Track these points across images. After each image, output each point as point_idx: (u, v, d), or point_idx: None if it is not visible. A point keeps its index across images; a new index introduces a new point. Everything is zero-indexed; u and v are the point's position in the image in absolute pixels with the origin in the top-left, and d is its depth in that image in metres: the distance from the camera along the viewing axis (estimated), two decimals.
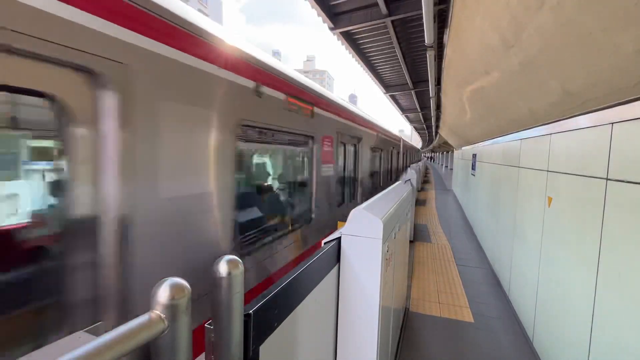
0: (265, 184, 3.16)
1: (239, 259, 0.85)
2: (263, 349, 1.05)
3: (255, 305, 1.01)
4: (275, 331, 1.13)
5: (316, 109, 3.34)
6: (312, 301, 1.45)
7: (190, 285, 0.70)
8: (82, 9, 1.12)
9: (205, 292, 1.64)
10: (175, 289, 0.68)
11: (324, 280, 1.59)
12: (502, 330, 3.42)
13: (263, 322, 1.05)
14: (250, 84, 2.16)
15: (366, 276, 1.74)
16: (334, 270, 1.74)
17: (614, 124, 1.94)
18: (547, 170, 2.95)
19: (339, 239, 1.77)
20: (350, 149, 5.22)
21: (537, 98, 2.93)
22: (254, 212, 2.61)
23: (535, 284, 3.09)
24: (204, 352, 0.87)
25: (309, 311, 1.44)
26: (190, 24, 1.65)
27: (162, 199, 1.45)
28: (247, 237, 2.40)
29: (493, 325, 3.50)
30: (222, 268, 0.82)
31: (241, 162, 2.19)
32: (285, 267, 2.76)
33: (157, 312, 0.67)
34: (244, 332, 0.90)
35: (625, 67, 1.66)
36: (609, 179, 1.93)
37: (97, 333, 0.68)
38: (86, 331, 0.71)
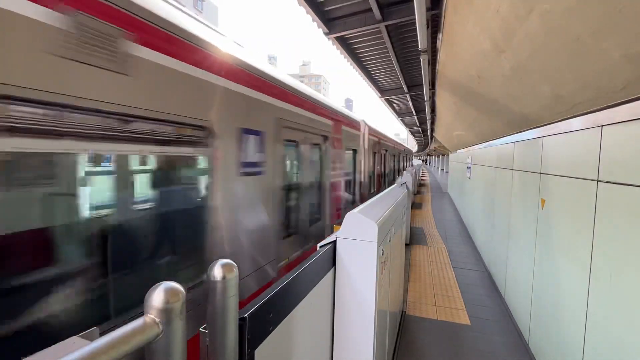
0: None
1: (234, 263, 0.85)
2: (258, 353, 1.05)
3: (250, 309, 1.01)
4: (271, 335, 1.13)
5: None
6: (308, 305, 1.45)
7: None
8: None
9: None
10: (170, 292, 0.68)
11: (320, 284, 1.60)
12: (498, 332, 3.43)
13: (258, 326, 1.05)
14: None
15: (362, 279, 1.74)
16: (330, 274, 1.74)
17: (603, 127, 1.98)
18: (540, 173, 2.99)
19: (334, 242, 1.78)
20: None
21: (529, 102, 2.98)
22: None
23: (530, 285, 3.11)
24: None
25: (305, 315, 1.44)
26: None
27: None
28: None
29: (489, 328, 3.51)
30: (217, 272, 0.82)
31: None
32: None
33: (151, 316, 0.67)
34: (239, 336, 0.90)
35: (613, 71, 1.70)
36: (600, 181, 1.97)
37: (91, 338, 0.68)
38: (80, 336, 0.71)
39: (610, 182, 1.86)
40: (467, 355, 3.03)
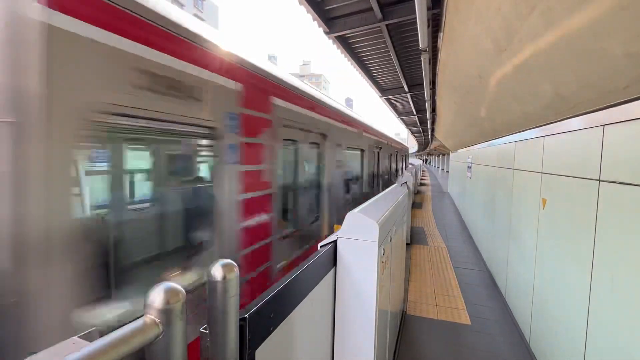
0: None
1: (234, 263, 0.85)
2: (259, 353, 1.04)
3: (251, 309, 1.00)
4: (271, 335, 1.13)
5: None
6: (308, 305, 1.45)
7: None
8: None
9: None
10: (170, 293, 0.68)
11: (321, 284, 1.59)
12: (499, 332, 3.43)
13: (259, 326, 1.05)
14: None
15: (362, 279, 1.74)
16: (331, 274, 1.74)
17: (605, 126, 1.97)
18: (541, 172, 2.98)
19: (335, 242, 1.77)
20: None
21: (530, 101, 2.97)
22: None
23: (530, 285, 3.10)
24: None
25: (306, 315, 1.43)
26: None
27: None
28: None
29: (490, 328, 3.51)
30: (217, 272, 0.82)
31: None
32: None
33: (151, 316, 0.67)
34: (239, 336, 0.90)
35: (615, 70, 1.69)
36: (601, 180, 1.96)
37: (91, 339, 0.68)
38: (80, 337, 0.70)
39: (612, 182, 1.85)
40: (467, 356, 3.02)
